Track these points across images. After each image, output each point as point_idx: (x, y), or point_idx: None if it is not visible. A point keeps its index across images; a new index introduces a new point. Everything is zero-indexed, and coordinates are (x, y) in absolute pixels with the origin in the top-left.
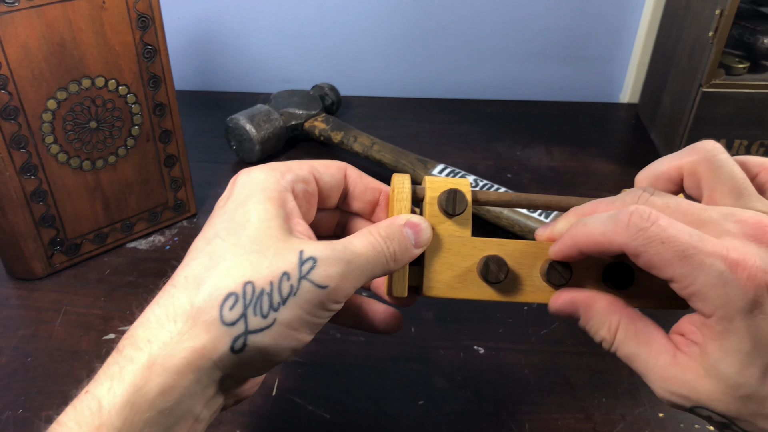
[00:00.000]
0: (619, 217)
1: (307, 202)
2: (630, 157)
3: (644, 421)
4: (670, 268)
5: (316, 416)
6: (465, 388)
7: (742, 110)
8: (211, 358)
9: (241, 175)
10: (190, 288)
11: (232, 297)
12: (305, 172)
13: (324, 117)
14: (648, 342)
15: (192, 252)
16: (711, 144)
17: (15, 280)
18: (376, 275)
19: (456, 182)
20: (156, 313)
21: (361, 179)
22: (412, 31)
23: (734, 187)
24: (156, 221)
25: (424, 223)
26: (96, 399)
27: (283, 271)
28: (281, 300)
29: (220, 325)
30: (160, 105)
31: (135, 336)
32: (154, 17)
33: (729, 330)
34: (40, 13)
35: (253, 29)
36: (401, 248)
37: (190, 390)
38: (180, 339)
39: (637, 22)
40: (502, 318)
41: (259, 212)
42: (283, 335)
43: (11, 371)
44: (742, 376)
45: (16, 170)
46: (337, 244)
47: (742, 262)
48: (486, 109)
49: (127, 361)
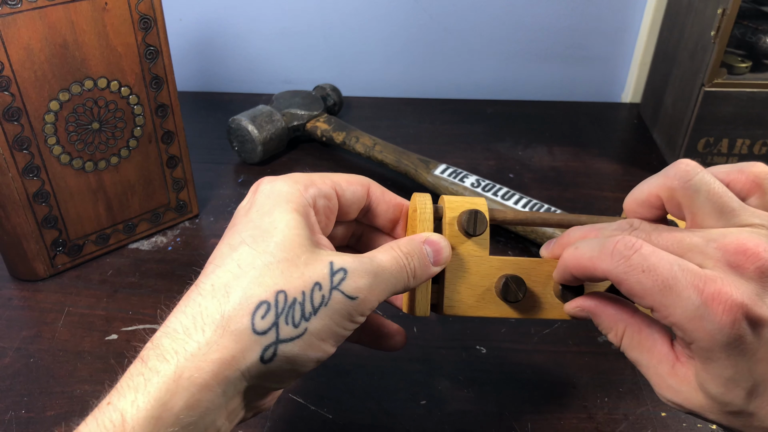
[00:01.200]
0: (605, 243)
1: (327, 218)
2: (632, 157)
3: (647, 421)
4: (650, 298)
5: (318, 416)
6: (467, 388)
7: (744, 110)
8: (239, 369)
9: (264, 184)
10: (219, 296)
11: (264, 305)
12: (327, 188)
13: (326, 117)
14: (650, 350)
15: (216, 259)
16: (684, 166)
17: (18, 281)
18: (397, 291)
19: (473, 201)
20: (182, 321)
21: (384, 197)
22: (413, 32)
23: (714, 208)
24: (158, 222)
25: (443, 242)
26: (119, 412)
27: (315, 281)
28: (313, 310)
29: (251, 334)
30: (162, 106)
31: (161, 346)
32: (156, 18)
33: (710, 358)
34: (42, 14)
35: (255, 30)
36: (420, 265)
37: (216, 403)
38: (208, 350)
39: (638, 22)
40: (504, 318)
41: (286, 221)
42: (312, 345)
43: (14, 372)
44: (726, 396)
45: (19, 171)
46: (364, 257)
47: (717, 297)
48: (488, 109)
49: (153, 374)
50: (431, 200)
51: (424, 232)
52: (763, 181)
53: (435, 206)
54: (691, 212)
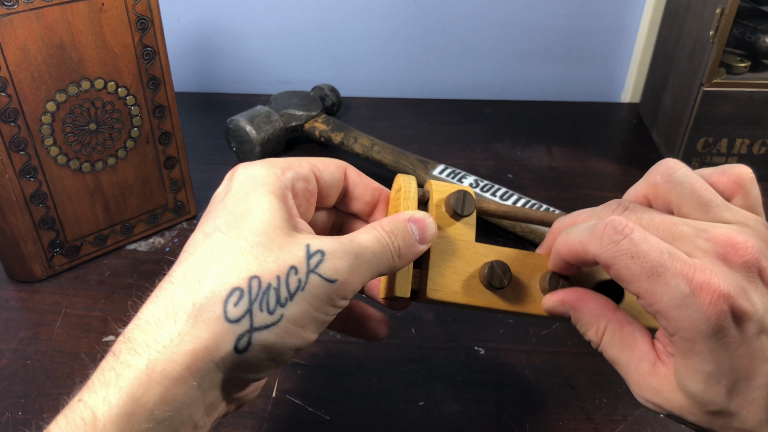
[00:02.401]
0: (595, 227)
1: (306, 201)
2: (631, 157)
3: (645, 422)
4: (637, 284)
5: (316, 418)
6: (465, 389)
7: (744, 109)
8: (213, 360)
9: (240, 169)
10: (191, 284)
11: (237, 292)
12: (306, 170)
13: (324, 118)
14: (631, 348)
15: (190, 247)
16: (666, 164)
17: (15, 283)
18: (382, 272)
19: (460, 188)
20: (153, 312)
21: (361, 179)
22: (412, 32)
23: (698, 202)
24: (156, 223)
25: (428, 218)
26: (89, 409)
27: (290, 264)
28: (289, 295)
29: (224, 323)
30: (159, 107)
31: (132, 339)
32: (153, 19)
33: (692, 351)
34: (39, 15)
35: (252, 30)
36: (405, 244)
37: (191, 397)
38: (180, 341)
39: (637, 22)
40: (503, 319)
41: (261, 205)
42: (290, 332)
43: (11, 373)
44: (707, 394)
45: (16, 172)
46: (344, 238)
47: (706, 286)
48: (486, 109)
49: (124, 368)
50: (416, 181)
51: (408, 211)
52: (744, 182)
53: (421, 190)
54: (676, 206)
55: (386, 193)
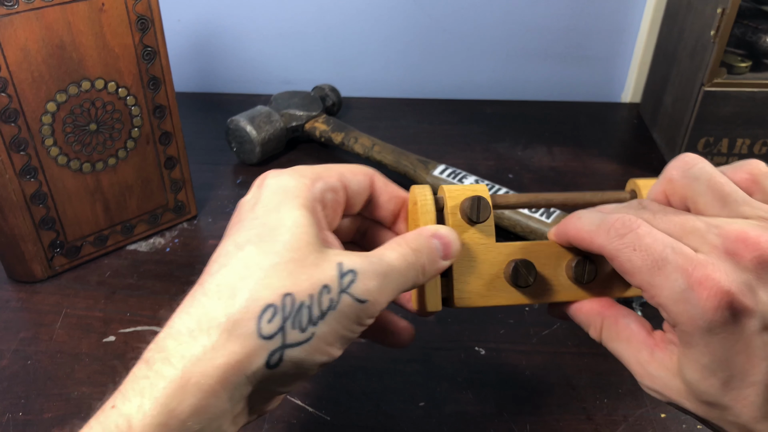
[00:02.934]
0: (605, 219)
1: (334, 212)
2: (632, 157)
3: (646, 422)
4: (639, 276)
5: (316, 418)
6: (466, 390)
7: (744, 109)
8: (245, 374)
9: (270, 179)
10: (225, 298)
11: (271, 309)
12: (334, 181)
13: (324, 118)
14: (629, 339)
15: (221, 257)
16: (684, 158)
17: (15, 283)
18: (406, 289)
19: (474, 189)
20: (187, 323)
21: (387, 188)
22: (412, 32)
23: (715, 197)
24: (156, 223)
25: (452, 234)
26: (124, 417)
27: (323, 283)
28: (320, 314)
29: (257, 339)
30: (159, 107)
31: (166, 349)
32: (153, 19)
33: (690, 343)
34: (39, 15)
35: (253, 30)
36: (430, 260)
37: (221, 408)
38: (214, 354)
39: (638, 22)
40: (503, 319)
41: (294, 219)
42: (319, 350)
43: (12, 374)
44: (702, 384)
45: (16, 173)
46: (372, 257)
47: (704, 281)
48: (487, 109)
49: (159, 378)
50: (431, 191)
51: (431, 225)
52: (759, 177)
53: (435, 197)
54: (693, 201)
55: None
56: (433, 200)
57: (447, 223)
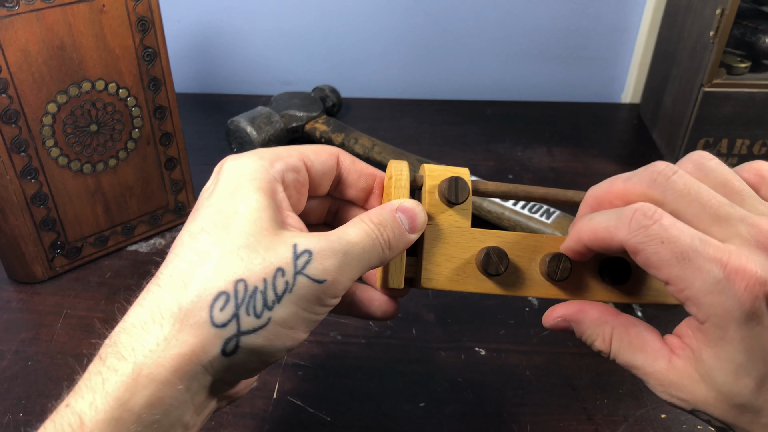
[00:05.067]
0: (623, 212)
1: (298, 192)
2: (632, 158)
3: (646, 422)
4: (667, 269)
5: (317, 419)
6: (466, 390)
7: (744, 110)
8: (201, 363)
9: (228, 162)
10: (177, 288)
11: (223, 296)
12: (295, 160)
13: (325, 119)
14: (643, 348)
15: (176, 247)
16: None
17: (16, 284)
18: (373, 265)
19: (455, 170)
20: (140, 315)
21: (354, 165)
22: (412, 33)
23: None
24: (157, 224)
25: (417, 207)
26: (77, 414)
27: (277, 266)
28: (276, 298)
29: (210, 327)
30: (160, 108)
31: (118, 343)
32: (153, 20)
33: (723, 339)
34: (39, 16)
35: (253, 31)
36: (395, 235)
37: (179, 399)
38: (167, 345)
39: (638, 22)
40: (504, 319)
41: (248, 203)
42: (278, 334)
43: (12, 375)
44: (736, 386)
45: (17, 174)
46: (332, 235)
47: (741, 271)
48: (487, 110)
49: (111, 372)
50: (408, 167)
51: (396, 200)
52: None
53: (414, 174)
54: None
55: (381, 178)
56: (409, 176)
57: (423, 202)
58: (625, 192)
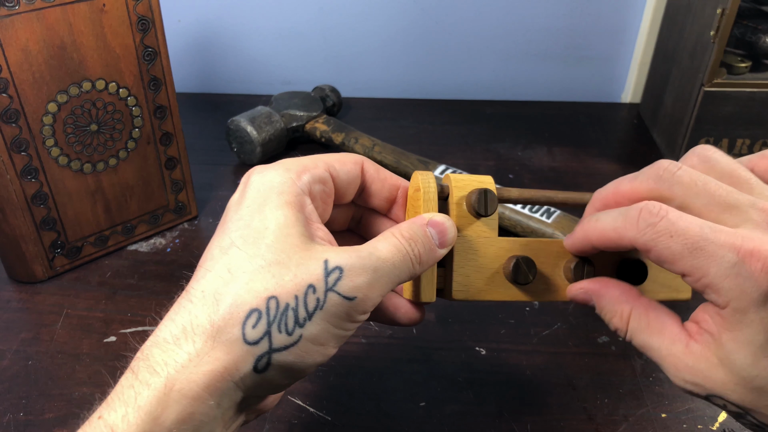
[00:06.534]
0: (629, 213)
1: (324, 203)
2: (632, 157)
3: (647, 422)
4: (681, 262)
5: (317, 418)
6: (467, 390)
7: (744, 109)
8: (232, 380)
9: (255, 176)
10: (209, 304)
11: (255, 314)
12: (322, 171)
13: (325, 118)
14: (661, 331)
15: (207, 262)
16: (702, 147)
17: (16, 283)
18: (402, 280)
19: (480, 179)
20: (172, 331)
21: (379, 174)
22: (412, 32)
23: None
24: (157, 224)
25: (448, 221)
26: (109, 427)
27: (308, 283)
28: (307, 315)
29: (243, 345)
30: (160, 107)
31: (151, 357)
32: (154, 20)
33: (742, 322)
34: (40, 16)
35: (253, 31)
36: (425, 250)
37: (210, 415)
38: (199, 361)
39: (638, 22)
40: (504, 319)
41: (277, 219)
42: (309, 351)
43: (13, 374)
44: (755, 368)
45: (17, 173)
46: (362, 251)
47: (756, 253)
48: (487, 109)
49: (143, 386)
50: (434, 179)
51: (426, 213)
52: None
53: (440, 185)
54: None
55: (405, 187)
56: (437, 188)
57: (451, 214)
58: (632, 191)
